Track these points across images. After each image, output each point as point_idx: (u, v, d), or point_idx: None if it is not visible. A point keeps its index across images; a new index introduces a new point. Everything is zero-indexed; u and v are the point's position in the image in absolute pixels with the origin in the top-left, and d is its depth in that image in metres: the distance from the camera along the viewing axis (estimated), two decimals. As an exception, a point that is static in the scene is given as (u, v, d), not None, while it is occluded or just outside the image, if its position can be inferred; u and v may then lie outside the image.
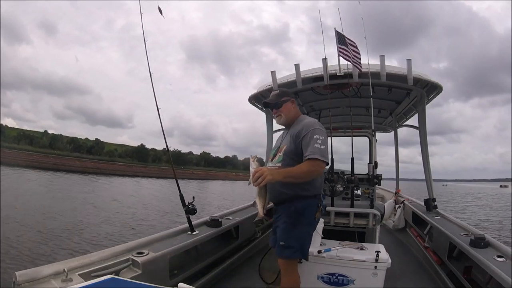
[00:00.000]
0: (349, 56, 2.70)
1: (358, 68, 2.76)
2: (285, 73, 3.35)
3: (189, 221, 2.27)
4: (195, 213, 2.26)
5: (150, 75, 2.21)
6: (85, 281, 1.22)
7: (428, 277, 2.71)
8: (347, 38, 2.74)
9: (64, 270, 1.30)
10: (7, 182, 15.78)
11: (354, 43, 2.78)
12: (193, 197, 2.31)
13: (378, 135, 4.88)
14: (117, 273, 1.54)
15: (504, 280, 1.55)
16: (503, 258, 1.78)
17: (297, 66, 2.98)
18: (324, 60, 2.83)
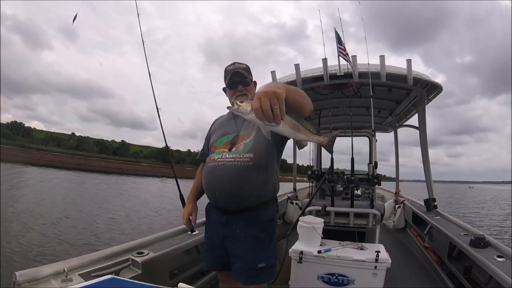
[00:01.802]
0: (347, 56, 2.72)
1: (352, 69, 2.76)
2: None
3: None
4: None
5: (150, 76, 2.23)
6: (85, 281, 1.22)
7: (428, 277, 2.71)
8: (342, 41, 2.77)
9: (64, 270, 1.30)
10: (30, 180, 17.06)
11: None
12: None
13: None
14: (117, 273, 1.54)
15: (504, 280, 1.55)
16: (503, 258, 1.78)
17: (297, 66, 2.98)
18: (324, 60, 2.83)
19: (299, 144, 1.02)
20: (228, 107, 0.94)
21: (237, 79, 1.41)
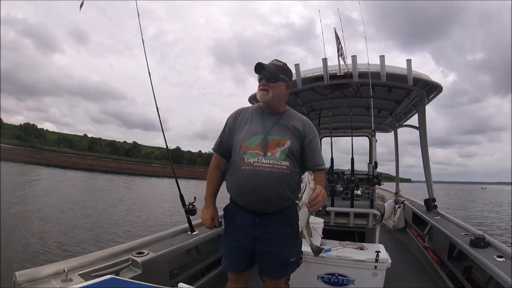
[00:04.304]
0: (343, 56, 2.72)
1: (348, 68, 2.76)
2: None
3: (189, 221, 2.27)
4: (195, 213, 2.26)
5: (150, 76, 2.24)
6: (85, 281, 1.22)
7: (428, 277, 2.71)
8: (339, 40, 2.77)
9: (64, 270, 1.30)
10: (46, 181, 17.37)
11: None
12: (195, 197, 2.31)
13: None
14: (117, 273, 1.54)
15: (504, 280, 1.55)
16: (503, 258, 1.78)
17: (297, 66, 2.98)
18: (324, 60, 2.83)
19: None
20: (305, 174, 1.16)
21: (264, 74, 1.40)
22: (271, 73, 1.40)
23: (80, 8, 2.19)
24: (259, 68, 1.40)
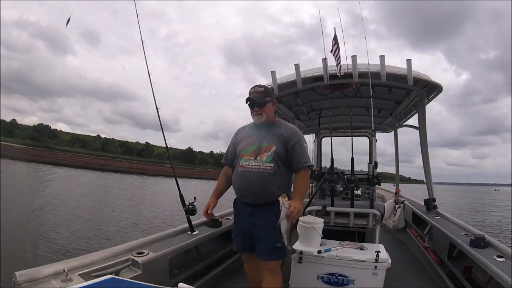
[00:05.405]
0: (338, 57, 2.73)
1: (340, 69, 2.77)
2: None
3: (189, 221, 2.28)
4: (195, 213, 2.26)
5: (149, 76, 2.25)
6: (85, 281, 1.22)
7: (428, 277, 2.72)
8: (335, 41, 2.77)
9: (64, 270, 1.30)
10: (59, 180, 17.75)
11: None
12: (195, 198, 2.32)
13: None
14: (117, 273, 1.54)
15: (504, 280, 1.55)
16: (503, 258, 1.78)
17: (297, 66, 2.98)
18: (324, 60, 2.83)
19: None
20: (279, 198, 1.54)
21: (253, 103, 1.80)
22: (259, 101, 1.78)
23: (67, 24, 2.34)
24: (251, 101, 1.79)
